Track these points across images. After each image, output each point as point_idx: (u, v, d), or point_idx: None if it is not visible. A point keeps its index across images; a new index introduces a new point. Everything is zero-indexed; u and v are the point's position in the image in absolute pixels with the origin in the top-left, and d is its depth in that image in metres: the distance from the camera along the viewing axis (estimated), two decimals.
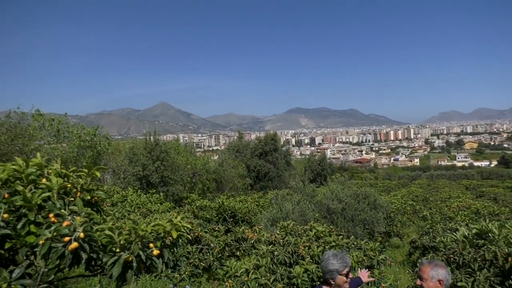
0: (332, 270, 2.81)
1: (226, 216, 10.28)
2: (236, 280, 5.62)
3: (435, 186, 39.10)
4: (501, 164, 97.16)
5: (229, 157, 24.18)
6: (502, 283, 5.28)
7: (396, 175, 70.59)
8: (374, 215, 10.29)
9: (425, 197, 25.28)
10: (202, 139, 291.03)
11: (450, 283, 2.60)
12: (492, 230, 5.81)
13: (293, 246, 6.08)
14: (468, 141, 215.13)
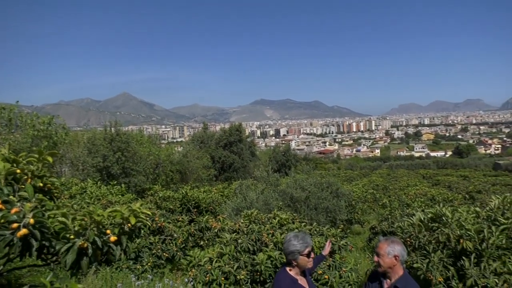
0: (294, 251, 2.83)
1: (190, 207, 10.18)
2: (199, 269, 5.59)
3: (395, 175, 40.56)
4: (456, 154, 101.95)
5: (193, 148, 23.92)
6: (454, 264, 5.55)
7: (358, 165, 72.61)
8: (336, 203, 10.54)
9: (385, 186, 26.16)
10: (166, 130, 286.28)
11: (405, 258, 2.69)
12: (445, 214, 6.07)
13: (256, 234, 6.12)
14: (426, 133, 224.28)
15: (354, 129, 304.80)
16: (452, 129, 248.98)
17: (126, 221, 2.41)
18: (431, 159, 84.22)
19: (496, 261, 5.31)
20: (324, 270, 5.80)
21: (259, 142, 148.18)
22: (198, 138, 27.92)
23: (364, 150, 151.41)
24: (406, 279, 2.63)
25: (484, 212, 6.32)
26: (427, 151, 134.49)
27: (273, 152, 24.98)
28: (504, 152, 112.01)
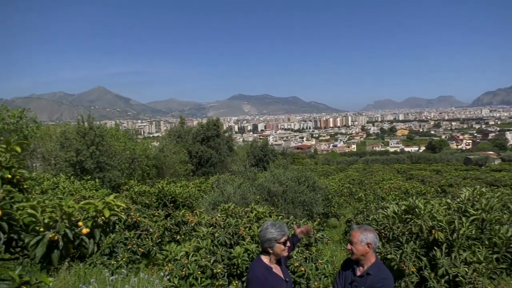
0: (270, 239, 2.85)
1: (166, 201, 10.06)
2: (175, 263, 5.55)
3: (370, 170, 41.35)
4: (429, 149, 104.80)
5: (170, 142, 23.65)
6: (427, 254, 5.71)
7: (334, 160, 73.68)
8: (313, 197, 10.65)
9: (361, 180, 26.61)
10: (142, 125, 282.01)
11: (377, 246, 2.75)
12: (418, 206, 6.23)
13: (234, 228, 6.11)
14: (400, 128, 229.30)
15: (331, 125, 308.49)
16: (425, 125, 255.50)
17: (100, 213, 2.35)
18: (405, 154, 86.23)
19: (466, 250, 5.49)
20: (301, 262, 5.86)
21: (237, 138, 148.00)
22: (175, 133, 27.60)
23: (341, 146, 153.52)
24: (378, 266, 2.68)
25: (455, 203, 6.51)
26: (402, 146, 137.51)
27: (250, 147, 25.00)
28: (475, 147, 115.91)
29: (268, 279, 2.82)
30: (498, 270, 5.49)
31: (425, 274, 5.39)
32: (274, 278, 2.87)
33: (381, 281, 2.57)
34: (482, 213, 6.14)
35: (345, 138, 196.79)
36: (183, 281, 5.37)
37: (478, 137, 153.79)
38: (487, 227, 6.17)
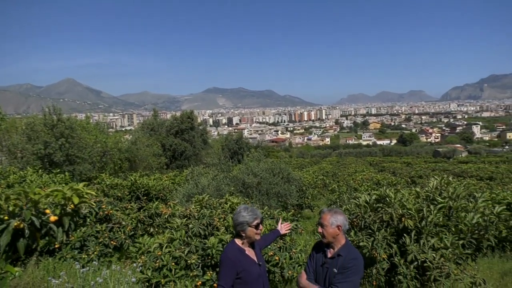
0: (242, 222, 2.87)
1: (139, 194, 9.90)
2: (149, 255, 5.49)
3: (343, 162, 42.08)
4: (400, 142, 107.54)
5: (143, 135, 23.25)
6: (397, 241, 5.87)
7: (309, 153, 74.53)
8: (287, 188, 10.74)
9: (334, 173, 27.03)
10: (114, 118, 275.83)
11: (347, 228, 2.80)
12: (389, 195, 6.38)
13: (208, 218, 6.09)
14: (373, 122, 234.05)
15: (306, 118, 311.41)
16: (397, 118, 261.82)
17: (68, 201, 2.29)
18: (377, 147, 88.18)
19: (434, 237, 5.67)
20: (275, 251, 5.92)
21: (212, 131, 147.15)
22: (148, 126, 27.13)
23: (315, 139, 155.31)
24: (348, 247, 2.75)
25: (424, 192, 6.71)
26: (374, 139, 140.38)
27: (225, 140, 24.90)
28: (443, 140, 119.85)
29: (240, 261, 2.84)
30: (464, 255, 5.70)
31: (395, 260, 5.54)
32: (246, 260, 2.88)
33: (352, 261, 2.63)
34: (449, 201, 6.36)
35: (319, 132, 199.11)
36: (157, 273, 5.32)
37: (446, 130, 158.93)
38: (454, 214, 6.40)
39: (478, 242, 6.51)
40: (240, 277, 2.83)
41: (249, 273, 2.85)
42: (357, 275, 2.64)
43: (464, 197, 6.74)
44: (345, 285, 2.61)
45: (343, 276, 2.63)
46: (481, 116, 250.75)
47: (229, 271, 2.80)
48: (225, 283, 2.80)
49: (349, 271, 2.62)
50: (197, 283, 5.26)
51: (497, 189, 13.72)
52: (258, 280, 2.91)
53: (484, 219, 6.47)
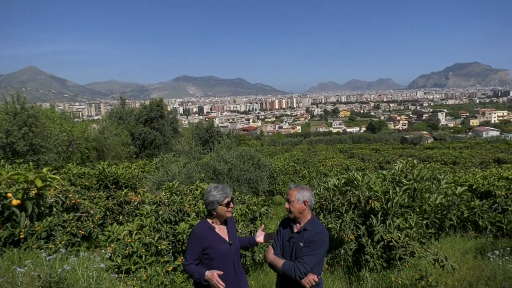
0: (213, 201, 2.89)
1: (108, 183, 9.70)
2: (119, 243, 5.43)
3: (314, 150, 42.71)
4: (369, 130, 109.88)
5: (111, 124, 22.66)
6: (364, 223, 6.07)
7: (280, 141, 75.08)
8: (258, 174, 10.82)
9: (305, 160, 27.38)
10: (81, 108, 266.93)
11: (313, 203, 2.88)
12: (357, 178, 6.56)
13: (178, 205, 6.07)
14: (342, 110, 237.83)
15: (277, 106, 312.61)
16: (366, 106, 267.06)
17: (31, 184, 2.23)
18: (347, 135, 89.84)
19: (399, 218, 5.89)
20: (246, 235, 5.98)
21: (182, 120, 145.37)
22: (116, 114, 26.43)
23: (286, 127, 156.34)
24: (314, 222, 2.83)
25: (390, 175, 6.94)
26: (344, 127, 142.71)
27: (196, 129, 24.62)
28: (410, 127, 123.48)
29: (207, 237, 2.88)
30: (428, 234, 5.97)
31: (363, 241, 5.72)
32: (214, 238, 2.92)
33: (317, 235, 2.72)
34: (414, 183, 6.61)
35: (290, 120, 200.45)
36: (127, 260, 5.28)
37: (413, 117, 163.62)
38: (418, 195, 6.66)
39: (441, 221, 6.81)
40: (207, 253, 2.87)
41: (216, 250, 2.89)
42: (322, 247, 2.73)
43: (428, 179, 7.03)
44: (311, 257, 2.70)
45: (309, 249, 2.71)
46: (446, 103, 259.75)
47: (194, 246, 2.86)
48: (189, 257, 2.87)
49: (314, 244, 2.71)
50: (168, 268, 5.26)
51: (460, 172, 14.36)
52: (225, 257, 2.95)
53: (447, 200, 6.77)
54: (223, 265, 2.93)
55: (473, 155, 28.40)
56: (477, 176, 9.66)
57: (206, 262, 2.90)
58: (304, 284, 2.72)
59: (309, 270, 2.70)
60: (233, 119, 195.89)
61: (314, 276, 2.71)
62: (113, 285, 4.34)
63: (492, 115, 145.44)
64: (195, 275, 2.84)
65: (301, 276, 2.69)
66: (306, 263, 2.69)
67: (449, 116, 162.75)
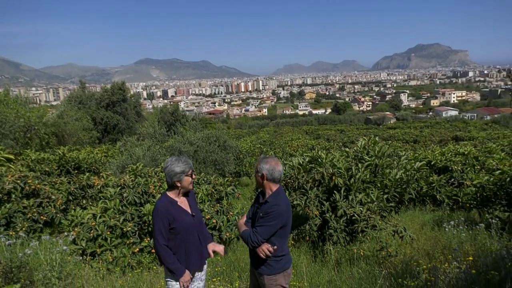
0: (179, 172, 2.88)
1: (69, 168, 9.41)
2: (82, 226, 5.33)
3: (280, 132, 43.10)
4: (334, 111, 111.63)
5: (70, 109, 21.81)
6: (328, 199, 6.25)
7: (246, 124, 75.15)
8: (224, 156, 10.83)
9: (272, 141, 27.60)
10: (38, 93, 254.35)
11: (276, 176, 2.91)
12: (321, 156, 6.71)
13: (143, 187, 6.01)
14: (308, 92, 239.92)
15: (243, 89, 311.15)
16: (331, 88, 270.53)
17: None
18: (313, 117, 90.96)
19: (362, 193, 6.10)
20: (212, 215, 6.02)
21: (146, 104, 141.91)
22: (76, 99, 25.38)
23: (253, 110, 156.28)
24: (276, 195, 2.88)
25: (352, 152, 7.14)
26: (310, 109, 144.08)
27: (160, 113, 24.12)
28: (374, 108, 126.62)
29: (170, 211, 2.88)
30: (388, 208, 6.23)
31: (327, 216, 5.90)
32: (178, 211, 2.93)
33: (273, 207, 2.78)
34: (375, 159, 6.83)
35: (256, 103, 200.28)
36: (92, 243, 5.21)
37: (377, 99, 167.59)
38: (380, 171, 6.90)
39: (401, 195, 7.11)
40: (173, 227, 2.87)
41: (181, 222, 2.90)
42: (277, 220, 2.78)
43: (390, 156, 7.30)
44: (264, 228, 2.78)
45: (263, 220, 2.79)
46: (409, 84, 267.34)
47: (161, 222, 2.84)
48: (160, 237, 2.84)
49: (268, 216, 2.78)
50: (135, 250, 5.24)
51: (420, 150, 14.98)
52: (190, 229, 2.98)
53: (406, 175, 7.07)
54: (189, 237, 2.97)
55: (433, 133, 29.62)
56: (436, 152, 10.10)
57: (172, 237, 2.90)
58: (258, 253, 2.81)
59: (262, 241, 2.78)
60: (198, 103, 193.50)
61: (268, 246, 2.78)
62: (78, 267, 4.29)
63: (451, 95, 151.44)
64: (172, 266, 2.86)
65: (253, 245, 2.79)
66: (258, 233, 2.77)
67: (411, 97, 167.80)
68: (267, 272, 2.89)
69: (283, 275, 2.93)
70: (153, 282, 4.39)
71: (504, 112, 67.09)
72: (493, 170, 6.99)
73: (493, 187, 6.51)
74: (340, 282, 4.35)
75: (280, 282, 2.91)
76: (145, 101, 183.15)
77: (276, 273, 2.89)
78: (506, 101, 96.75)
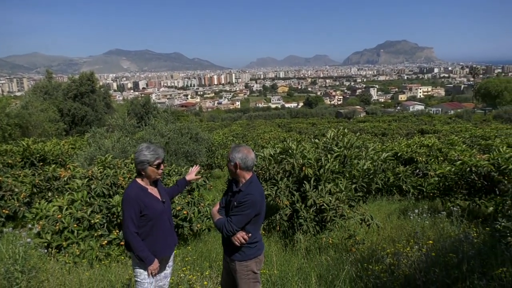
0: (143, 161, 2.85)
1: (34, 160, 9.07)
2: (48, 219, 5.17)
3: (253, 125, 43.15)
4: (306, 105, 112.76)
5: (36, 99, 21.00)
6: (298, 189, 6.33)
7: (219, 117, 74.78)
8: (196, 148, 10.75)
9: (244, 134, 27.60)
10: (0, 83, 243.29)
11: (248, 164, 2.91)
12: (291, 147, 6.78)
13: (112, 178, 5.88)
14: (281, 85, 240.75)
15: (216, 82, 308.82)
16: (303, 82, 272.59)
17: None
18: (285, 110, 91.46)
19: (331, 183, 6.22)
20: (183, 206, 5.98)
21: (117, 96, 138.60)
22: (42, 89, 24.43)
23: (225, 103, 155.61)
24: (249, 184, 2.89)
25: (322, 143, 7.24)
26: (282, 102, 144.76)
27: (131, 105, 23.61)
28: (345, 102, 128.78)
29: (141, 198, 2.85)
30: (356, 197, 6.38)
31: (297, 206, 5.98)
32: (148, 198, 2.91)
33: (247, 196, 2.79)
34: (344, 150, 6.97)
35: (229, 96, 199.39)
36: (58, 236, 5.07)
37: (347, 93, 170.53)
38: (348, 162, 7.05)
39: (368, 185, 7.29)
40: (144, 214, 2.85)
41: (152, 209, 2.88)
42: (251, 209, 2.80)
43: (358, 147, 7.46)
44: (238, 217, 2.79)
45: (237, 209, 2.81)
46: (378, 79, 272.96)
47: (132, 209, 2.80)
48: (131, 224, 2.80)
49: (242, 205, 2.79)
50: (103, 242, 5.14)
51: (387, 142, 15.40)
52: (162, 216, 2.97)
53: (374, 165, 7.25)
54: (161, 224, 2.96)
55: (400, 127, 30.45)
56: (402, 144, 10.39)
57: (143, 224, 2.87)
58: (233, 241, 2.83)
59: (236, 229, 2.80)
60: (170, 95, 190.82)
61: (243, 234, 2.81)
62: (43, 260, 4.17)
63: (418, 90, 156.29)
64: (142, 254, 2.83)
65: (228, 234, 2.81)
66: (233, 222, 2.79)
67: (380, 92, 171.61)
68: (239, 258, 2.92)
69: (254, 261, 2.96)
70: (121, 273, 4.33)
71: (466, 107, 70.08)
72: (454, 161, 7.26)
73: (455, 176, 6.78)
74: (309, 268, 4.43)
75: (251, 268, 2.95)
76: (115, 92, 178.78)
77: (247, 259, 2.93)
78: (469, 96, 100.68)
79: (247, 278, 2.94)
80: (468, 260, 3.23)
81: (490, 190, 6.43)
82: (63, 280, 4.06)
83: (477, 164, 6.43)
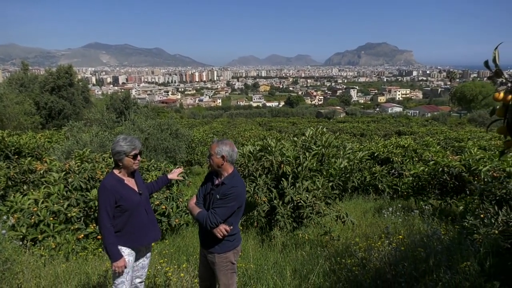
0: (120, 152, 2.87)
1: (8, 153, 8.86)
2: (23, 212, 5.11)
3: (234, 123, 43.17)
4: (287, 104, 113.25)
5: (11, 92, 20.43)
6: (276, 186, 6.43)
7: (200, 114, 74.34)
8: (176, 144, 10.72)
9: (225, 132, 27.63)
10: None
11: (234, 158, 2.99)
12: (271, 144, 6.88)
13: (90, 172, 5.84)
14: (263, 84, 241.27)
15: (197, 79, 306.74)
16: (285, 81, 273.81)
17: None
18: (267, 109, 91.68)
19: (308, 180, 6.35)
20: (162, 201, 6.00)
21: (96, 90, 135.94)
22: (17, 81, 23.78)
23: (207, 100, 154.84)
24: (232, 177, 2.96)
25: (301, 141, 7.38)
26: (264, 101, 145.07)
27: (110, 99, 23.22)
28: (325, 102, 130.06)
29: (118, 190, 2.88)
30: (333, 195, 6.52)
31: (275, 203, 6.08)
32: (125, 190, 2.94)
33: (232, 189, 2.86)
34: (322, 149, 7.12)
35: (210, 93, 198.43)
36: (33, 229, 5.01)
37: (328, 93, 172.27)
38: (326, 160, 7.20)
39: (345, 183, 7.46)
40: (120, 205, 2.87)
41: (128, 201, 2.91)
42: (235, 201, 2.88)
43: (336, 147, 7.63)
44: (223, 209, 2.85)
45: (222, 202, 2.86)
46: (358, 81, 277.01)
47: (107, 199, 2.82)
48: (106, 215, 2.82)
49: (227, 198, 2.85)
50: (79, 236, 5.11)
51: (365, 142, 15.71)
52: (138, 208, 3.00)
53: (350, 164, 7.42)
54: (137, 215, 2.99)
55: (378, 128, 31.07)
56: (379, 145, 10.65)
57: (119, 214, 2.90)
58: (215, 233, 2.88)
59: (220, 221, 2.85)
60: (151, 91, 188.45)
61: (225, 226, 2.88)
62: (17, 253, 4.13)
63: (397, 92, 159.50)
64: (110, 247, 2.84)
65: (212, 226, 2.85)
66: (217, 215, 2.84)
67: (360, 93, 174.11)
68: (218, 250, 2.98)
69: (233, 252, 3.04)
70: (98, 266, 4.33)
71: (442, 110, 71.99)
72: (428, 161, 7.51)
73: (428, 176, 7.02)
74: (285, 263, 4.54)
75: (230, 259, 3.03)
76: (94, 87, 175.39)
77: (226, 251, 3.00)
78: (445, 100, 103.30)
79: (226, 269, 3.02)
80: (435, 254, 3.39)
81: (461, 190, 6.69)
82: (38, 273, 4.04)
83: (449, 164, 6.68)
